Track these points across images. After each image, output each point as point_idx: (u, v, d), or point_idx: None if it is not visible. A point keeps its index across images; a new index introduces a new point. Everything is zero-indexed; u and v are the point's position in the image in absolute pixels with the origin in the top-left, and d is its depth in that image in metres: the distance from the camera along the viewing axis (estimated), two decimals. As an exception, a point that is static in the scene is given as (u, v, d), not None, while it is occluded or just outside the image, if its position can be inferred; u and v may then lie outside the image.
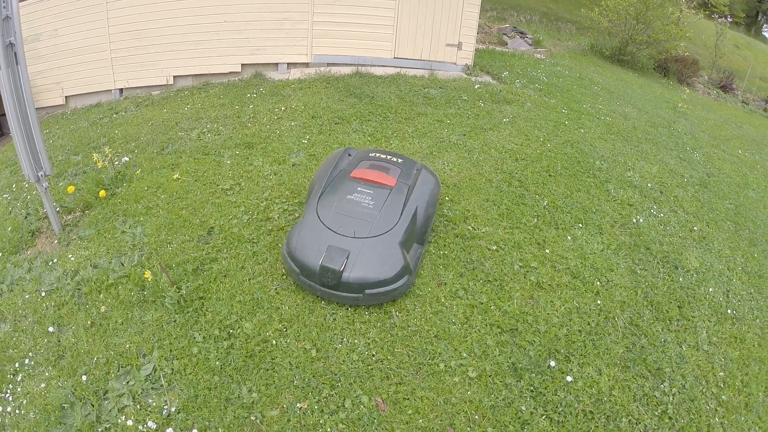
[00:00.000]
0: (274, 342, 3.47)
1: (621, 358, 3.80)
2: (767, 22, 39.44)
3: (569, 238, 4.90)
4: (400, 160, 4.49)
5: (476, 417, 3.20)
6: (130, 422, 3.03)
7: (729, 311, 4.64)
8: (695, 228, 5.65)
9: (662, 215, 5.66)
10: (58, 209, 4.85)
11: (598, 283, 4.42)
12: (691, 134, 9.07)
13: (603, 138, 7.32)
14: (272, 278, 4.01)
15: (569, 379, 3.53)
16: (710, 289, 4.80)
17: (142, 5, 7.80)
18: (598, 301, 4.23)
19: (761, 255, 5.69)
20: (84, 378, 3.28)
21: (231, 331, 3.53)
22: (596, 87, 10.24)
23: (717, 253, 5.38)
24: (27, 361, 3.48)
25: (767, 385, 4.08)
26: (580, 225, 5.11)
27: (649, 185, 6.22)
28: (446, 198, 5.20)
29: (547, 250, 4.66)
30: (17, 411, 3.20)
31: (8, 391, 3.33)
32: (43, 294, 3.99)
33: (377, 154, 4.52)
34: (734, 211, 6.45)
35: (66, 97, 8.35)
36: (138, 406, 3.12)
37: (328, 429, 3.03)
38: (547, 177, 5.82)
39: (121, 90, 8.36)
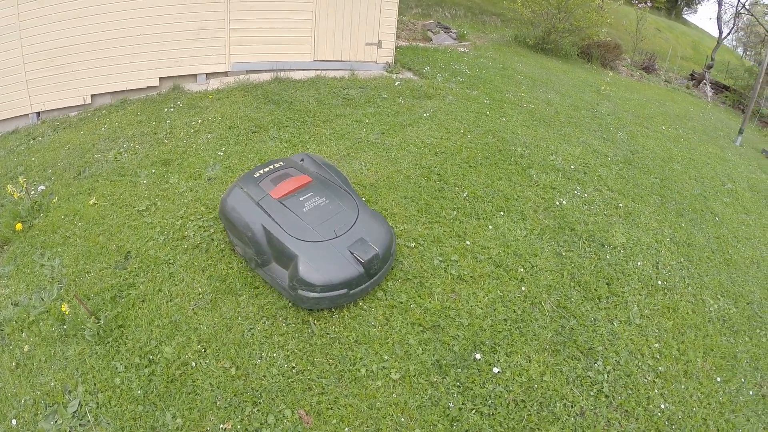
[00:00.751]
0: (194, 364, 3.35)
1: (550, 343, 3.74)
2: (687, 5, 41.01)
3: (490, 227, 4.80)
4: (281, 163, 4.38)
5: (403, 419, 3.10)
6: (62, 462, 2.85)
7: (659, 282, 4.66)
8: (621, 204, 5.67)
9: (586, 195, 5.65)
10: (-23, 248, 4.50)
11: (522, 269, 4.33)
12: (615, 115, 9.23)
13: (525, 125, 7.32)
14: (189, 299, 3.82)
15: (496, 370, 3.44)
16: (639, 263, 4.81)
17: (55, 22, 7.34)
18: (523, 288, 4.14)
19: (689, 224, 5.77)
20: (14, 422, 3.10)
21: (151, 357, 3.40)
22: (520, 76, 10.32)
23: (644, 226, 5.41)
24: (-42, 411, 3.23)
25: (705, 351, 4.12)
26: (502, 213, 5.03)
27: (572, 167, 6.21)
28: (363, 198, 5.02)
29: (468, 242, 4.55)
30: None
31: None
32: (-33, 339, 3.71)
33: (262, 171, 4.29)
34: (660, 185, 6.54)
35: (-17, 125, 7.81)
36: (67, 445, 2.96)
37: (253, 447, 2.91)
38: (467, 168, 5.72)
39: (38, 114, 7.83)
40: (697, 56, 26.05)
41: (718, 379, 3.90)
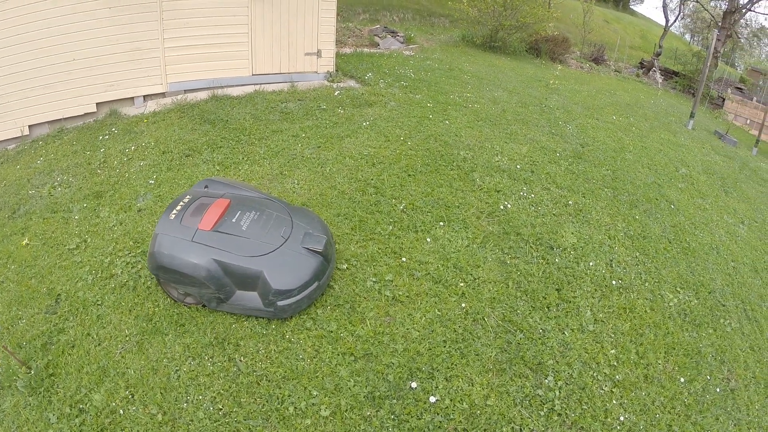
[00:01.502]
0: (122, 411, 3.17)
1: (495, 362, 3.52)
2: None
3: (429, 240, 4.54)
4: (189, 197, 4.23)
5: (334, 459, 2.94)
6: None
7: (614, 282, 4.46)
8: (570, 202, 5.47)
9: (533, 195, 5.42)
10: None
11: (463, 283, 4.08)
12: (564, 108, 9.11)
13: (470, 126, 7.10)
14: (117, 341, 3.61)
15: (433, 399, 3.23)
16: (591, 263, 4.60)
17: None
18: (463, 304, 3.88)
19: (643, 215, 5.61)
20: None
21: (81, 406, 3.22)
22: (466, 76, 10.15)
23: (596, 223, 5.21)
24: None
25: (666, 350, 3.96)
26: (442, 223, 4.77)
27: (518, 167, 5.99)
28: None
29: (404, 258, 4.27)
30: None
31: None
32: None
33: (176, 210, 4.04)
34: (611, 177, 6.39)
35: None
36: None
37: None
38: (405, 178, 5.46)
39: (-24, 150, 7.44)
40: (645, 45, 26.51)
41: (682, 379, 3.75)
